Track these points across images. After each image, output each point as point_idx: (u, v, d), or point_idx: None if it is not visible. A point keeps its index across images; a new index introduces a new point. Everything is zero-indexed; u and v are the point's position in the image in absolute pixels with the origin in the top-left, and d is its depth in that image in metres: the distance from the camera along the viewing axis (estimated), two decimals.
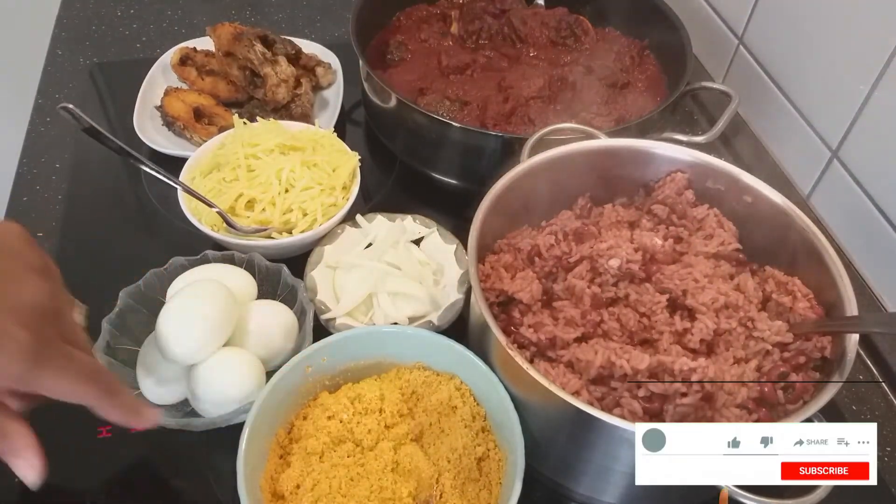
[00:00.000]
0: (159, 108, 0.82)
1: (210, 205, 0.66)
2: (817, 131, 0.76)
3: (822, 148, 0.75)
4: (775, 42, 0.81)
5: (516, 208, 0.59)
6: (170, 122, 0.80)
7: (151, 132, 0.80)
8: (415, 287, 0.63)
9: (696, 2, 0.94)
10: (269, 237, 0.66)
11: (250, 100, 0.85)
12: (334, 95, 0.87)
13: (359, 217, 0.70)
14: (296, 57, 0.87)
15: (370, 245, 0.68)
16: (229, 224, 0.66)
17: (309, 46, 0.91)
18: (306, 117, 0.82)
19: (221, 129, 0.78)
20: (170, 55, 0.88)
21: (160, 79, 0.87)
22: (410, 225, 0.69)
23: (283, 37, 0.87)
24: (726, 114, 0.71)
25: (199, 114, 0.82)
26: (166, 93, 0.83)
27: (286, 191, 0.67)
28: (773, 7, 0.80)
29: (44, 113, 0.86)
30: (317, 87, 0.89)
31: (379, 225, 0.69)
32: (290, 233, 0.67)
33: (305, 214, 0.67)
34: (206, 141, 0.74)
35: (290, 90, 0.82)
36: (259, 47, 0.83)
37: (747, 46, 0.86)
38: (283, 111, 0.83)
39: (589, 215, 0.62)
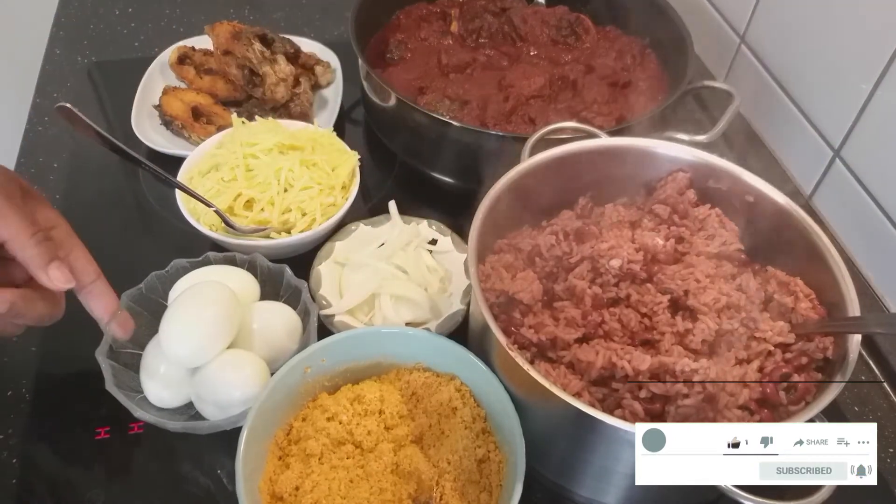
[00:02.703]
0: (157, 107, 0.82)
1: (208, 204, 0.65)
2: (819, 130, 0.75)
3: (825, 147, 0.74)
4: (777, 41, 0.81)
5: (516, 208, 0.58)
6: (168, 122, 0.80)
7: (149, 131, 0.80)
8: (418, 293, 0.62)
9: (698, 0, 0.93)
10: (268, 237, 0.66)
11: (249, 99, 0.84)
12: (333, 94, 0.87)
13: (391, 209, 0.70)
14: (295, 56, 0.86)
15: (383, 245, 0.67)
16: (227, 224, 0.65)
17: (308, 45, 0.91)
18: (305, 116, 0.82)
19: (220, 129, 0.78)
20: (168, 54, 0.88)
21: (158, 78, 0.87)
22: (425, 229, 0.69)
23: (281, 35, 0.87)
24: (728, 113, 0.71)
25: (197, 113, 0.81)
26: (164, 92, 0.83)
27: (285, 190, 0.67)
28: (775, 6, 0.80)
29: (42, 112, 0.86)
30: (316, 86, 0.88)
31: (393, 226, 0.69)
32: (289, 233, 0.66)
33: (304, 214, 0.67)
34: (204, 140, 0.74)
35: (288, 89, 0.82)
36: (258, 46, 0.83)
37: (749, 45, 0.86)
38: (281, 110, 0.82)
39: (590, 215, 0.62)
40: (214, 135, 0.74)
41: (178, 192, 0.67)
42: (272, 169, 0.67)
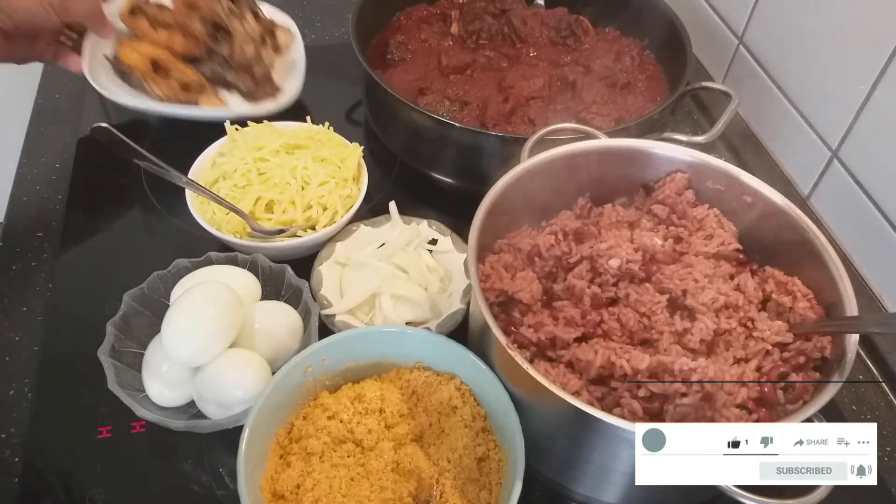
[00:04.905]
0: (112, 59, 0.78)
1: (241, 214, 0.66)
2: (817, 131, 0.76)
3: (822, 148, 0.75)
4: (775, 42, 0.81)
5: (516, 208, 0.59)
6: (124, 73, 0.77)
7: (104, 80, 0.77)
8: (418, 292, 0.63)
9: (697, 2, 0.94)
10: (295, 235, 0.66)
11: (211, 55, 0.80)
12: (297, 61, 0.85)
13: (391, 210, 0.70)
14: (257, 17, 0.83)
15: (383, 245, 0.68)
16: (256, 230, 0.66)
17: (265, 10, 0.87)
18: (269, 80, 0.80)
19: (183, 86, 0.76)
20: (119, 2, 0.81)
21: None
22: (425, 230, 0.69)
23: None
24: (726, 114, 0.71)
25: (156, 67, 0.78)
26: (120, 42, 0.79)
27: (302, 188, 0.68)
28: (773, 7, 0.80)
29: (44, 113, 0.86)
30: (276, 51, 0.85)
31: (394, 226, 0.69)
32: (314, 229, 0.67)
33: (325, 209, 0.68)
34: (167, 96, 0.74)
35: (258, 47, 0.78)
36: (226, 0, 0.79)
37: (747, 46, 0.86)
38: (242, 73, 0.80)
39: (589, 215, 0.62)
40: (178, 93, 0.75)
41: (191, 205, 0.67)
42: (286, 168, 0.68)
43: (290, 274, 0.62)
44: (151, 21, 0.80)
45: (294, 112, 0.81)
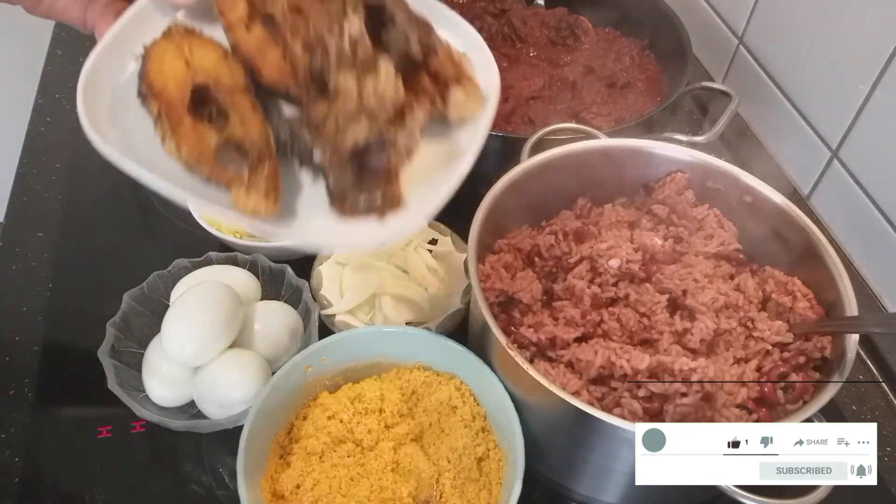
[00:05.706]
0: (142, 62, 0.43)
1: None
2: (817, 131, 0.76)
3: (823, 148, 0.75)
4: (775, 42, 0.81)
5: (516, 208, 0.59)
6: (144, 96, 0.43)
7: (107, 102, 0.42)
8: (418, 292, 0.63)
9: (697, 2, 0.94)
10: None
11: (311, 103, 0.43)
12: (464, 148, 0.46)
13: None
14: (423, 59, 0.44)
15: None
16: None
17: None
18: (389, 180, 0.44)
19: (229, 143, 0.41)
20: None
21: (157, 13, 0.45)
22: (425, 229, 0.69)
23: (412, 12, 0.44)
24: (726, 114, 0.71)
25: (202, 97, 0.42)
26: (166, 35, 0.44)
27: None
28: (774, 7, 0.80)
29: (44, 113, 0.86)
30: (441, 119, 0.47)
31: None
32: None
33: None
34: (185, 161, 0.41)
35: (373, 128, 0.41)
36: (357, 24, 0.41)
37: (747, 46, 0.86)
38: (340, 159, 0.41)
39: (589, 215, 0.62)
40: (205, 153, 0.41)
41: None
42: None
43: (290, 274, 0.62)
44: (254, 6, 0.44)
45: None
